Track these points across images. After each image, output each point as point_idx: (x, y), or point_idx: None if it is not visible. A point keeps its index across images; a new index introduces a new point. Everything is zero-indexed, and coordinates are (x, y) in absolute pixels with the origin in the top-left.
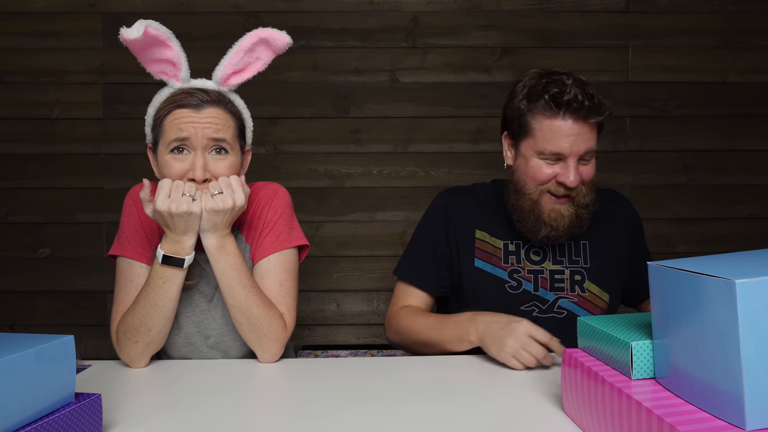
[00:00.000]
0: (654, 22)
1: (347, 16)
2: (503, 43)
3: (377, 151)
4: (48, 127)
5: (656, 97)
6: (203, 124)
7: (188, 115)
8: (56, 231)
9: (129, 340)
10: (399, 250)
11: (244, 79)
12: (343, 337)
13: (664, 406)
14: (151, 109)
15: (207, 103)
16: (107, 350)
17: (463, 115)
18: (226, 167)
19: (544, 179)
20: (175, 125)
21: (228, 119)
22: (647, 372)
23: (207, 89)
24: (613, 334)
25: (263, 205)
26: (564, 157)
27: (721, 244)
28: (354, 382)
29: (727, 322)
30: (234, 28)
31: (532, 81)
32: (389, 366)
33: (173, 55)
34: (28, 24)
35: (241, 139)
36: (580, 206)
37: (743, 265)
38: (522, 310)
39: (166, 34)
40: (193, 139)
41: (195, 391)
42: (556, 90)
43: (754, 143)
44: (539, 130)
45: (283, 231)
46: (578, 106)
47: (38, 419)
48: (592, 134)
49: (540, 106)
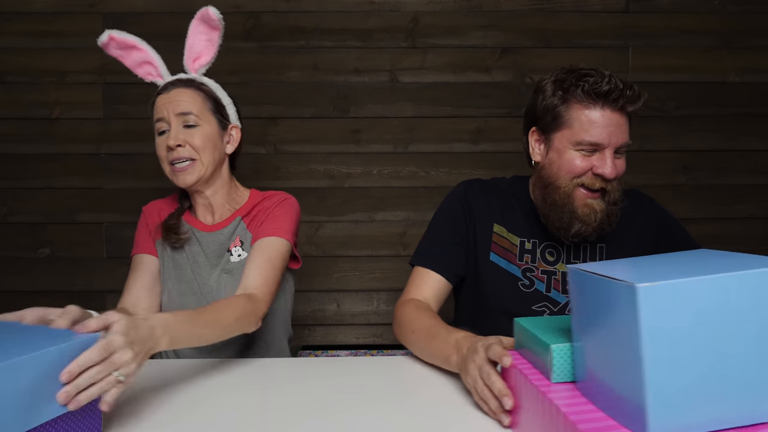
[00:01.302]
0: (654, 22)
1: (347, 16)
2: (503, 43)
3: (377, 151)
4: (48, 127)
5: (656, 97)
6: (172, 103)
7: (162, 99)
8: (56, 231)
9: None
10: (399, 250)
11: (207, 61)
12: (343, 337)
13: (576, 413)
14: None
15: (176, 85)
16: None
17: (463, 115)
18: (198, 136)
19: (580, 171)
20: (156, 110)
21: (195, 96)
22: (567, 375)
23: (180, 78)
24: (537, 336)
25: (270, 205)
26: (601, 147)
27: (721, 244)
28: (354, 382)
29: (630, 327)
30: (234, 28)
31: (563, 75)
32: (389, 366)
33: (147, 56)
34: (28, 24)
35: (217, 113)
36: (611, 203)
37: (664, 266)
38: (533, 310)
39: (133, 40)
40: (166, 116)
41: (195, 391)
42: (593, 80)
43: (754, 143)
44: (576, 120)
45: (284, 224)
46: (618, 95)
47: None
48: (627, 127)
49: (577, 96)
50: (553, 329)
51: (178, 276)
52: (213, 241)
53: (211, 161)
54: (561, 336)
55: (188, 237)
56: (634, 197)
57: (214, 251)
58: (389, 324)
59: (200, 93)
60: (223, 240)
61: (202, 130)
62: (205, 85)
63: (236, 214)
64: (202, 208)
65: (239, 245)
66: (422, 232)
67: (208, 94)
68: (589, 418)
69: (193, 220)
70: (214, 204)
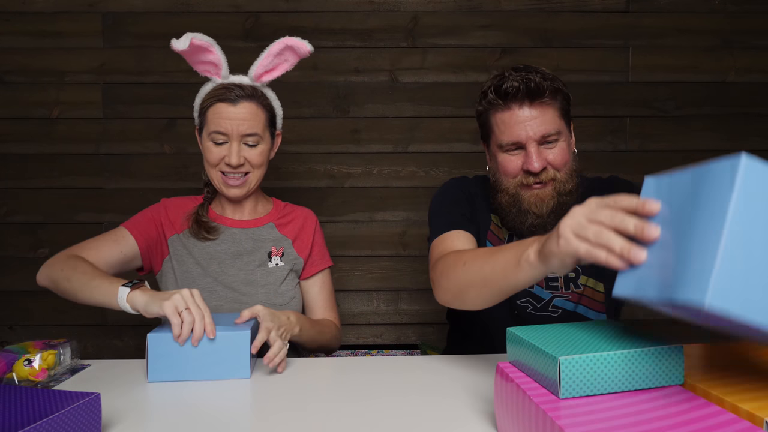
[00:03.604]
0: (654, 22)
1: (347, 16)
2: (503, 43)
3: (377, 151)
4: (48, 127)
5: (656, 97)
6: (238, 121)
7: (226, 110)
8: (56, 231)
9: (55, 272)
10: (399, 250)
11: (274, 77)
12: (343, 337)
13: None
14: (198, 99)
15: (242, 98)
16: (107, 350)
17: (463, 115)
18: (257, 154)
19: (513, 172)
20: (216, 119)
21: (259, 112)
22: (577, 390)
23: (243, 85)
24: (540, 347)
25: (309, 225)
26: (522, 144)
27: None
28: (354, 382)
29: (725, 196)
30: (234, 28)
31: (486, 83)
32: (389, 366)
33: (215, 58)
34: (28, 24)
35: (271, 126)
36: (562, 193)
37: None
38: (518, 304)
39: (209, 42)
40: (230, 134)
41: (195, 391)
42: (498, 83)
43: (754, 143)
44: (495, 125)
45: (326, 252)
46: (516, 92)
47: (38, 419)
48: (545, 117)
49: (489, 102)
50: (556, 339)
51: (204, 270)
52: (247, 238)
53: (262, 174)
54: (567, 346)
55: (220, 231)
56: (609, 182)
57: (247, 248)
58: (389, 324)
59: (262, 108)
60: (257, 238)
61: (261, 148)
62: (267, 98)
63: (267, 219)
64: (231, 205)
65: (280, 256)
66: (423, 232)
67: (267, 108)
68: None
69: (220, 217)
70: (246, 202)
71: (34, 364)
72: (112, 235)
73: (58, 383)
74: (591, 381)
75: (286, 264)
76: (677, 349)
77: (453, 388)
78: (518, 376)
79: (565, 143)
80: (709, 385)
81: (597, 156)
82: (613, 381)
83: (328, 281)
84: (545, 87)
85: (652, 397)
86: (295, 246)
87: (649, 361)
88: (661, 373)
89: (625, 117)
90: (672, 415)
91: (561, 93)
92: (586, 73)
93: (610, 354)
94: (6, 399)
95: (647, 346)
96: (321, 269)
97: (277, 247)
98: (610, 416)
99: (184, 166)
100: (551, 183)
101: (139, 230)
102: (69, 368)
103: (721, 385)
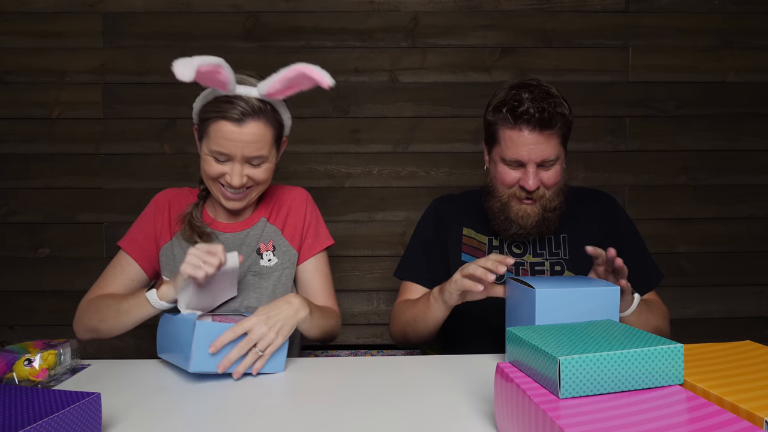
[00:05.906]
0: (654, 22)
1: (347, 16)
2: (503, 43)
3: (377, 151)
4: (48, 127)
5: (656, 97)
6: (243, 144)
7: (230, 130)
8: (56, 231)
9: (87, 323)
10: (399, 250)
11: (286, 95)
12: (343, 337)
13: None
14: (200, 102)
15: (248, 116)
16: (107, 350)
17: (463, 115)
18: (262, 171)
19: (510, 183)
20: (218, 138)
21: (266, 132)
22: (577, 390)
23: (250, 99)
24: (540, 347)
25: (298, 206)
26: (523, 163)
27: (721, 244)
28: (354, 382)
29: None
30: (234, 28)
31: (501, 94)
32: (389, 366)
33: (224, 78)
34: (28, 24)
35: (278, 138)
36: (547, 209)
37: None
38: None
39: (216, 64)
40: (233, 154)
41: (194, 391)
42: (515, 104)
43: (754, 143)
44: (503, 139)
45: (321, 232)
46: (529, 119)
47: (38, 419)
48: (549, 144)
49: (502, 117)
50: (556, 338)
51: None
52: (238, 243)
53: (265, 186)
54: (567, 346)
55: (212, 239)
56: (597, 196)
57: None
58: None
59: (270, 125)
60: (249, 241)
61: (266, 165)
62: (276, 112)
63: (258, 215)
64: (226, 211)
65: (271, 250)
66: None
67: (276, 124)
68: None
69: (214, 222)
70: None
71: (35, 364)
72: (117, 265)
73: (59, 383)
74: (591, 381)
75: (280, 260)
76: (677, 349)
77: (453, 388)
78: (518, 376)
79: (560, 166)
80: (709, 385)
81: (597, 156)
82: (613, 381)
83: (323, 264)
84: (556, 120)
85: (652, 397)
86: (286, 235)
87: (649, 361)
88: (660, 373)
89: (625, 117)
90: (672, 414)
91: (566, 122)
92: (585, 73)
93: (610, 354)
94: (6, 399)
95: (647, 346)
96: (316, 252)
97: (265, 242)
98: (610, 416)
99: (184, 166)
100: (540, 200)
101: (138, 253)
102: (69, 368)
103: (721, 385)
